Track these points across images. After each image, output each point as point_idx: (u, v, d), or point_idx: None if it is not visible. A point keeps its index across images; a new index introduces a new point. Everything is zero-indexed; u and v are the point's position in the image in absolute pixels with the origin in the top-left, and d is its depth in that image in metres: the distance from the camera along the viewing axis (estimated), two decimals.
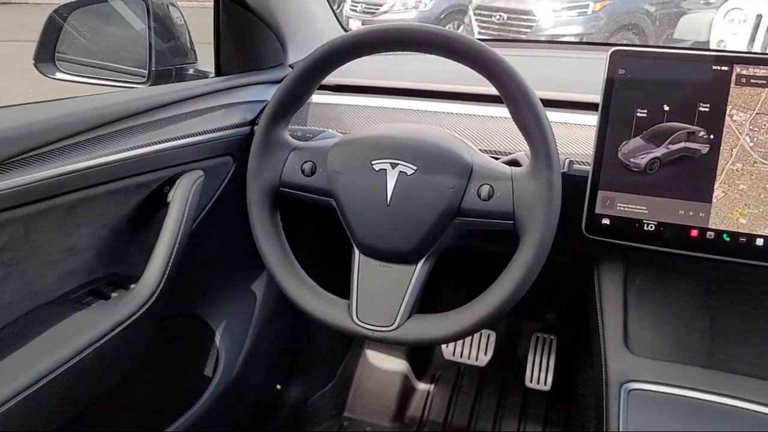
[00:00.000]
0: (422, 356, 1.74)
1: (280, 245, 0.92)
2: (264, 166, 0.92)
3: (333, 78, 0.98)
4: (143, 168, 0.99)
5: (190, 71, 1.35)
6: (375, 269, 0.88)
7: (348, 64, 0.89)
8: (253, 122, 1.17)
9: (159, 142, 1.00)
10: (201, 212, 1.11)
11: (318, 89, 0.94)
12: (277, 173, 0.92)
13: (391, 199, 0.86)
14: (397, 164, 0.86)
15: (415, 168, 0.85)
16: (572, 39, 5.32)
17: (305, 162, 0.91)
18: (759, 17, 3.98)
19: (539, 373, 1.56)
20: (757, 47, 3.99)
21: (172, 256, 0.99)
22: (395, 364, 1.70)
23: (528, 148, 0.83)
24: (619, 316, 1.04)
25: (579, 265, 1.16)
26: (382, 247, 0.88)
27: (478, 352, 1.61)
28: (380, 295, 0.87)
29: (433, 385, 1.70)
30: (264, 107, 0.93)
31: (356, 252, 0.90)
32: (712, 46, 4.16)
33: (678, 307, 1.03)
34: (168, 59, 1.30)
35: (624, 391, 0.95)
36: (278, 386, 1.53)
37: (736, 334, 0.99)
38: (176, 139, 1.03)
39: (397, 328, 0.85)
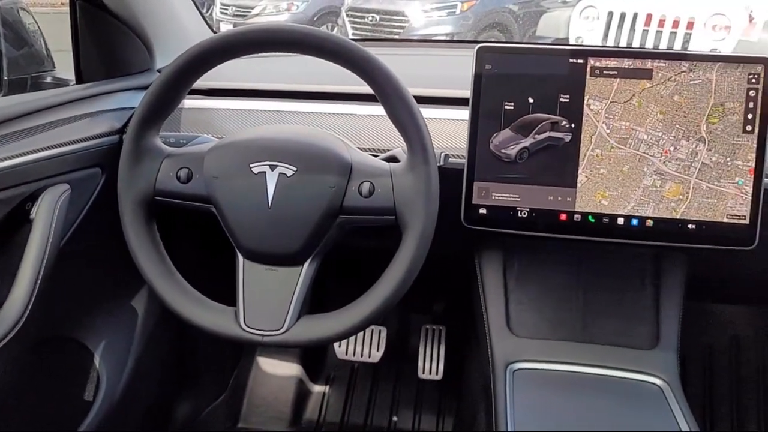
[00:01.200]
0: (315, 358, 1.73)
1: (159, 256, 0.88)
2: (136, 176, 0.88)
3: (205, 82, 0.95)
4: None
5: (48, 79, 1.27)
6: (260, 273, 0.87)
7: (221, 67, 0.87)
8: (121, 130, 1.11)
9: (16, 156, 0.93)
10: (69, 228, 1.05)
11: (190, 93, 0.91)
12: (151, 182, 0.88)
13: (272, 201, 0.85)
14: (277, 166, 0.85)
15: (294, 169, 0.85)
16: (443, 38, 5.49)
17: (180, 168, 0.88)
18: (610, 14, 4.29)
19: (431, 364, 1.60)
20: (610, 42, 4.29)
21: (39, 278, 0.93)
22: (288, 369, 1.68)
23: (405, 144, 0.85)
24: (501, 301, 1.09)
25: (461, 255, 1.20)
26: (267, 250, 0.86)
27: (370, 348, 1.62)
28: (268, 299, 0.86)
29: (328, 386, 1.70)
30: (132, 114, 0.89)
31: (240, 257, 0.88)
32: (571, 42, 4.43)
33: (553, 287, 1.09)
34: (22, 68, 1.22)
35: (509, 372, 1.00)
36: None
37: (605, 307, 1.06)
38: (36, 152, 0.96)
39: (286, 330, 0.84)
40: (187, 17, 1.36)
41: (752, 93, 0.93)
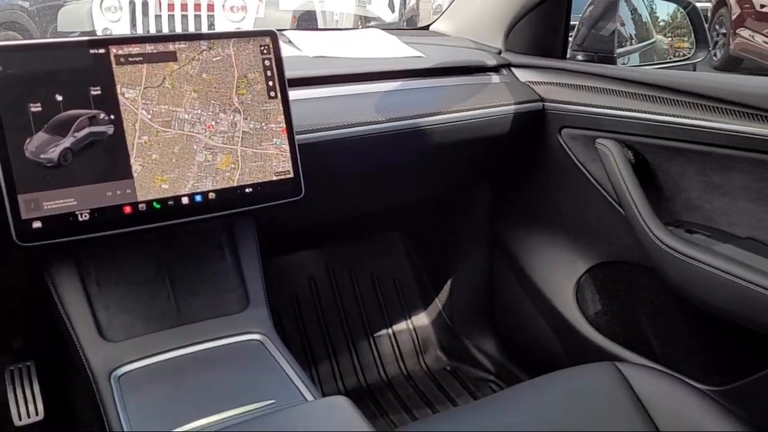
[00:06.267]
0: None
1: None
2: None
3: None
4: None
5: None
6: None
7: None
8: None
9: None
10: None
11: None
12: None
13: None
14: None
15: None
16: None
17: None
18: (132, 3, 4.25)
19: (27, 407, 1.42)
20: (141, 30, 4.27)
21: None
22: None
23: None
24: (87, 312, 1.02)
25: (30, 277, 1.08)
26: None
27: None
28: None
29: None
30: None
31: None
32: (99, 34, 4.26)
33: (139, 282, 1.07)
34: None
35: (114, 380, 0.96)
36: None
37: (194, 286, 1.10)
38: None
39: None
40: None
41: (267, 62, 1.05)
